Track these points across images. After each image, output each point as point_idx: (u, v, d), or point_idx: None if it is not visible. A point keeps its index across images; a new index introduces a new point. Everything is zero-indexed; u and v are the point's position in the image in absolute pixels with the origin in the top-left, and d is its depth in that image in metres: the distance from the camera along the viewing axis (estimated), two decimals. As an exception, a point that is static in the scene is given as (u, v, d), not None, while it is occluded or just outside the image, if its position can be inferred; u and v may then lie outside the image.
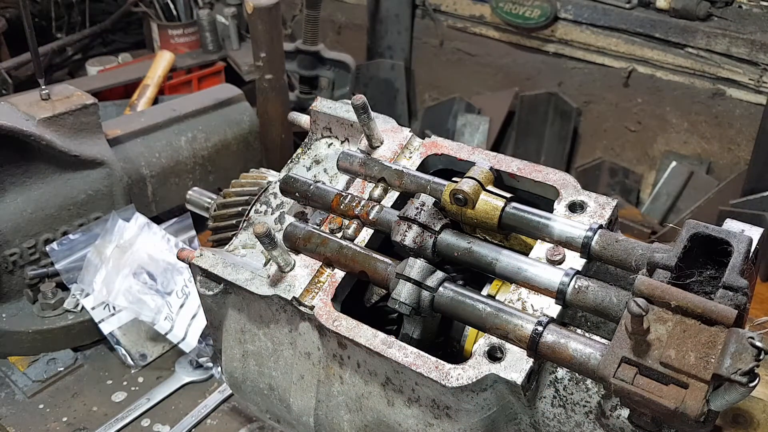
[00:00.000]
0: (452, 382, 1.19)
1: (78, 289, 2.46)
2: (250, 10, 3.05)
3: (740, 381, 0.94)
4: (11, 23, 4.64)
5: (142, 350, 2.47)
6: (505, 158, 1.48)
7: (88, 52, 5.18)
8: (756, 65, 3.85)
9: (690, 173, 4.24)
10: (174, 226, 2.64)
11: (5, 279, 2.42)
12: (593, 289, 1.20)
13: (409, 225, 1.36)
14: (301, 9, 5.22)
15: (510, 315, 1.21)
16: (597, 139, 4.70)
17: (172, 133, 2.92)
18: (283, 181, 1.57)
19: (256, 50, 3.17)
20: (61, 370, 2.41)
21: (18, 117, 2.32)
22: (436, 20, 5.01)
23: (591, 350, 1.12)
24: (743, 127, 4.05)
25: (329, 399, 1.44)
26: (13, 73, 4.23)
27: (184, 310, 2.38)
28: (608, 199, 1.35)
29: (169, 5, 4.71)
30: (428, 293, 1.29)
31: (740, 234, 1.13)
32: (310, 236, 1.45)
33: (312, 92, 4.51)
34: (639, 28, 4.15)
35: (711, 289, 1.09)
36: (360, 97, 1.48)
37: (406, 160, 1.56)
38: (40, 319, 2.44)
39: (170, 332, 2.35)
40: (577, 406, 1.21)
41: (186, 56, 4.46)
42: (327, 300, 1.39)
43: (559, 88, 4.65)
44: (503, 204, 1.34)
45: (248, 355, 1.58)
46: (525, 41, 4.67)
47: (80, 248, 2.48)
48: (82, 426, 2.21)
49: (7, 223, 2.36)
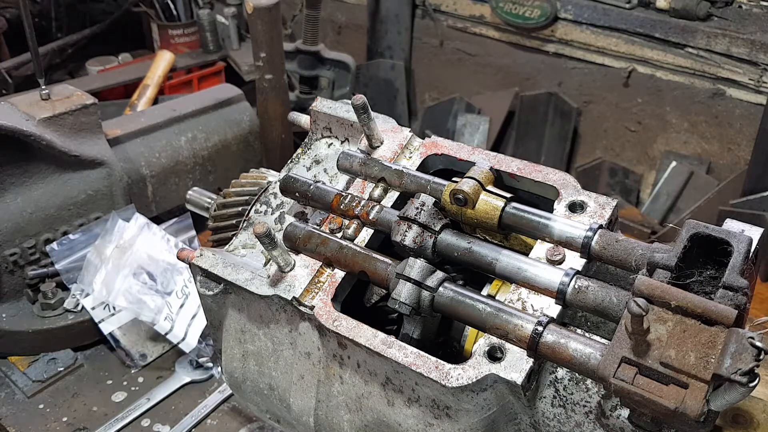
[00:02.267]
0: (452, 382, 1.19)
1: (78, 289, 2.46)
2: (250, 10, 3.05)
3: (740, 381, 0.94)
4: (11, 23, 4.64)
5: (142, 350, 2.47)
6: (505, 158, 1.48)
7: (88, 52, 5.18)
8: (756, 65, 3.85)
9: (690, 173, 4.23)
10: (174, 226, 2.65)
11: (5, 279, 2.42)
12: (593, 289, 1.20)
13: (409, 225, 1.36)
14: (301, 9, 5.22)
15: (510, 315, 1.21)
16: (597, 139, 4.70)
17: (172, 133, 2.92)
18: (283, 181, 1.57)
19: (256, 50, 3.17)
20: (61, 370, 2.41)
21: (18, 117, 2.32)
22: (436, 20, 5.01)
23: (591, 350, 1.12)
24: (743, 127, 4.05)
25: (329, 399, 1.44)
26: (13, 73, 4.23)
27: (184, 310, 2.38)
28: (608, 199, 1.35)
29: (169, 5, 4.71)
30: (428, 293, 1.29)
31: (740, 234, 1.13)
32: (310, 236, 1.45)
33: (312, 92, 4.51)
34: (639, 28, 4.15)
35: (711, 289, 1.09)
36: (360, 97, 1.47)
37: (406, 160, 1.56)
38: (40, 319, 2.44)
39: (170, 332, 2.35)
40: (577, 406, 1.21)
41: (186, 56, 4.46)
42: (327, 300, 1.38)
43: (559, 88, 4.65)
44: (503, 204, 1.34)
45: (248, 355, 1.58)
46: (525, 41, 4.67)
47: (80, 248, 2.48)
48: (82, 426, 2.21)
49: (7, 223, 2.36)
